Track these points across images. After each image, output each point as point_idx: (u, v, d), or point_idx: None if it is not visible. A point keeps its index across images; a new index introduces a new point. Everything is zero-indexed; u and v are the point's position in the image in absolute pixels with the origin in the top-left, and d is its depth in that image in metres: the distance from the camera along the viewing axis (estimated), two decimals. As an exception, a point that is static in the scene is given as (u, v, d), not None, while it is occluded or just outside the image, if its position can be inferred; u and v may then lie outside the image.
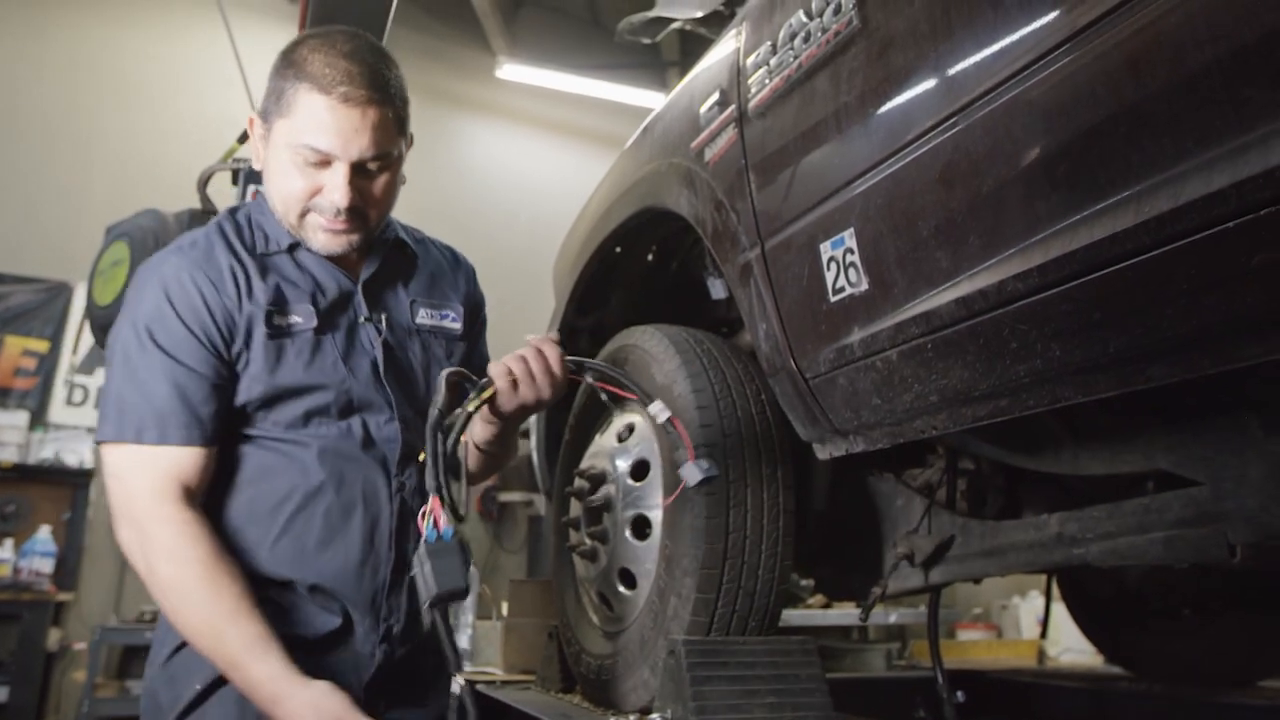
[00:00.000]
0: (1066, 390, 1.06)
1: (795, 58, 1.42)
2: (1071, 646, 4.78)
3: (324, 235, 1.27)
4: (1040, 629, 2.90)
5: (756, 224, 1.52)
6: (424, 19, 6.21)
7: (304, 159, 1.20)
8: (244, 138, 2.22)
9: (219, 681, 1.18)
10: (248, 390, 1.24)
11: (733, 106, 1.61)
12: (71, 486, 4.64)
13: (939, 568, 1.71)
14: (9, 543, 4.30)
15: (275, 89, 1.24)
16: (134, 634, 4.02)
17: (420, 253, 1.48)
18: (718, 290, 2.05)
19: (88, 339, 4.63)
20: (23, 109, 5.01)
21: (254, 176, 2.11)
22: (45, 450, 4.62)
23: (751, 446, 1.60)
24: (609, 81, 6.09)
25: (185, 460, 1.19)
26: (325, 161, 1.20)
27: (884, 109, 1.23)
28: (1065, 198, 0.98)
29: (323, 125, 1.18)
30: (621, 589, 1.75)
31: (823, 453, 1.49)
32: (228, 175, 2.24)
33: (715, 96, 1.68)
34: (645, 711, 1.59)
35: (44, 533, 4.35)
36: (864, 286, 1.27)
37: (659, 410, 1.31)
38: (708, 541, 1.51)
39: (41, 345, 4.83)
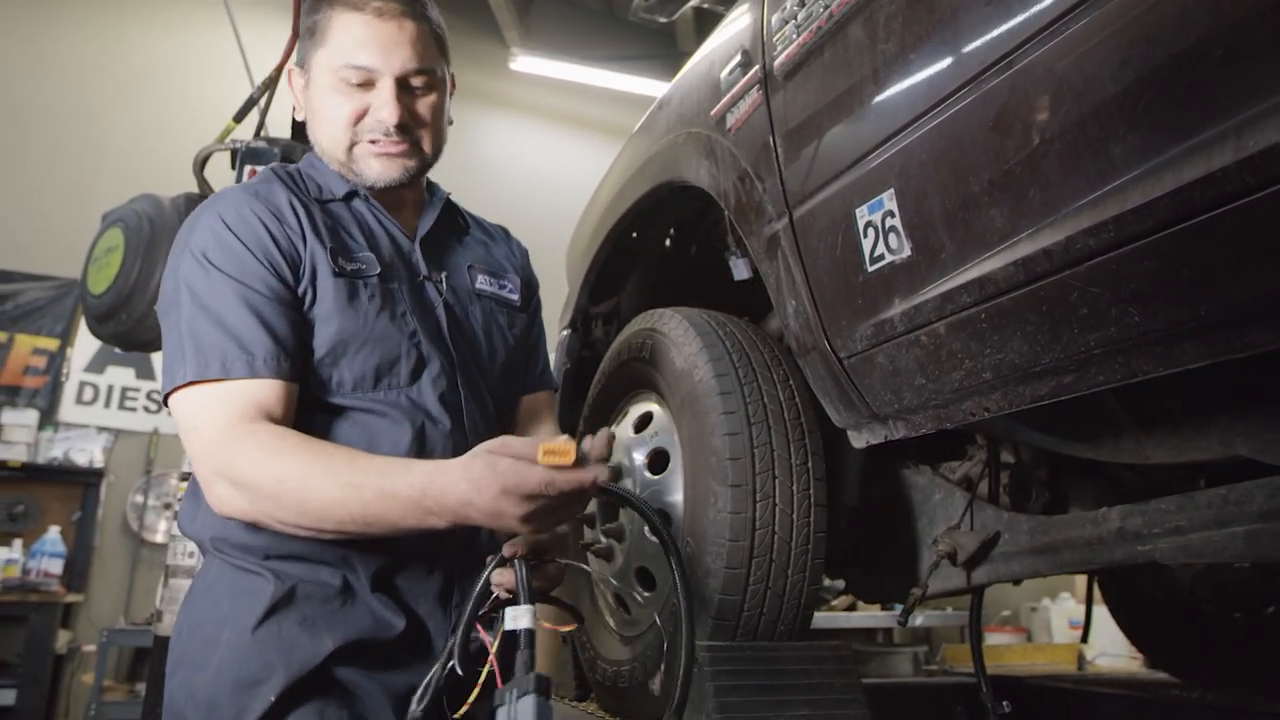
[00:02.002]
0: (1145, 362, 0.92)
1: (825, 7, 1.30)
2: (1108, 650, 4.61)
3: (377, 162, 1.18)
4: (1081, 633, 2.75)
5: (784, 192, 1.39)
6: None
7: (346, 81, 1.15)
8: (240, 116, 2.13)
9: (296, 690, 1.02)
10: (319, 332, 1.10)
11: (757, 67, 1.49)
12: (81, 486, 4.58)
13: (983, 567, 1.57)
14: (18, 543, 4.23)
15: (309, 27, 1.20)
16: (143, 636, 3.94)
17: (473, 223, 1.39)
18: (741, 271, 1.92)
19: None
20: (29, 106, 4.97)
21: (251, 156, 2.01)
22: (55, 449, 4.56)
23: (779, 435, 1.48)
24: (624, 73, 5.97)
25: (270, 395, 1.04)
26: (368, 82, 1.15)
27: (928, 54, 1.10)
28: (1145, 137, 0.85)
29: (360, 41, 1.14)
30: (639, 590, 1.63)
31: (859, 440, 1.37)
32: (226, 158, 2.14)
33: (737, 59, 1.55)
34: (666, 722, 1.47)
35: (53, 533, 4.28)
36: (906, 252, 1.14)
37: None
38: (732, 539, 1.39)
39: (51, 343, 4.77)
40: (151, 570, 4.61)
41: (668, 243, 2.34)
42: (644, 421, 1.76)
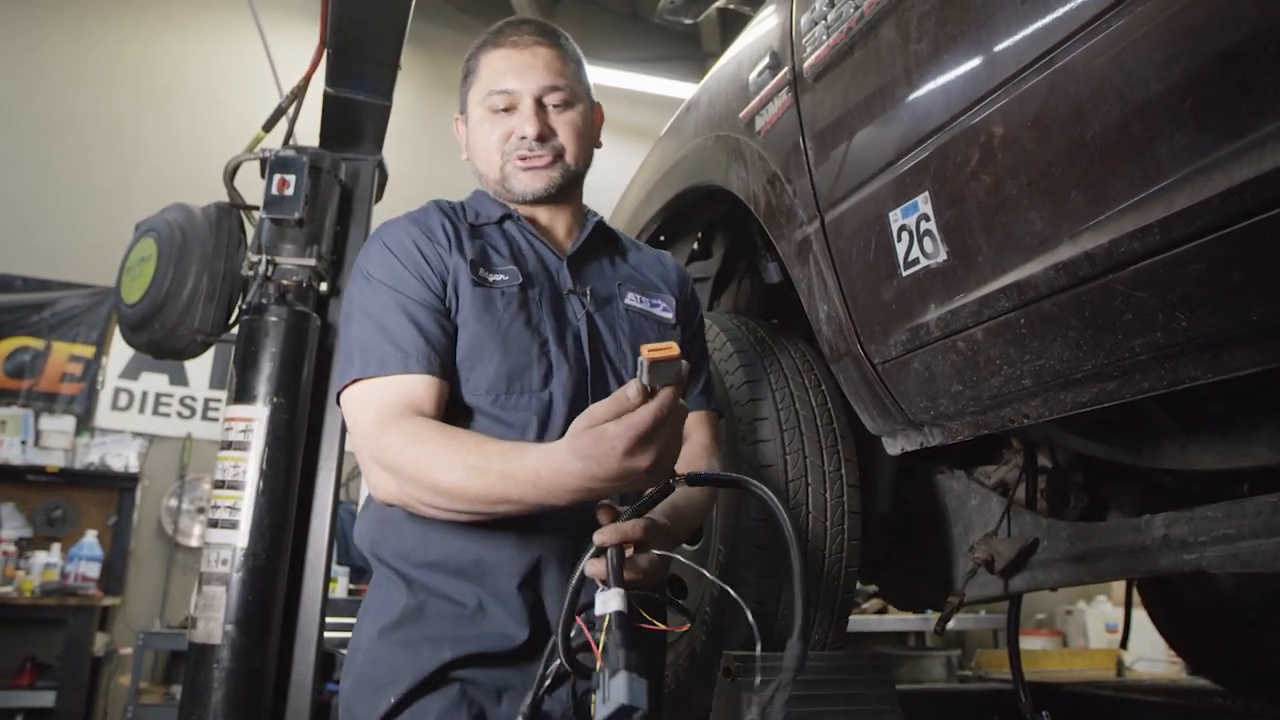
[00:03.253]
0: (1193, 368, 0.90)
1: (856, 8, 1.28)
2: (1146, 655, 4.52)
3: (524, 175, 1.27)
4: (1120, 638, 2.69)
5: (815, 195, 1.38)
6: (459, 16, 6.15)
7: (492, 109, 1.27)
8: (269, 125, 2.14)
9: (417, 690, 1.10)
10: (460, 337, 1.19)
11: (786, 69, 1.47)
12: (117, 491, 4.65)
13: (1021, 574, 1.54)
14: (56, 547, 4.31)
15: (464, 74, 1.33)
16: (178, 639, 3.99)
17: (628, 245, 1.42)
18: (771, 274, 1.91)
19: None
20: (63, 116, 5.05)
21: (280, 165, 2.02)
22: (91, 455, 4.63)
23: (812, 441, 1.46)
24: (648, 74, 5.96)
25: (420, 390, 1.14)
26: (511, 106, 1.26)
27: (963, 54, 1.08)
28: (1192, 137, 0.82)
29: (501, 71, 1.27)
30: (670, 597, 1.62)
31: (893, 447, 1.34)
32: (256, 166, 2.15)
33: (766, 60, 1.54)
34: (698, 731, 1.45)
35: (90, 537, 4.35)
36: (942, 256, 1.12)
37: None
38: (764, 547, 1.37)
39: (87, 350, 4.85)
40: (186, 574, 4.67)
41: (695, 245, 2.33)
42: (673, 427, 1.75)
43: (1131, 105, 0.87)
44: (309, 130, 2.26)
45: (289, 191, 2.02)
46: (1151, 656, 4.44)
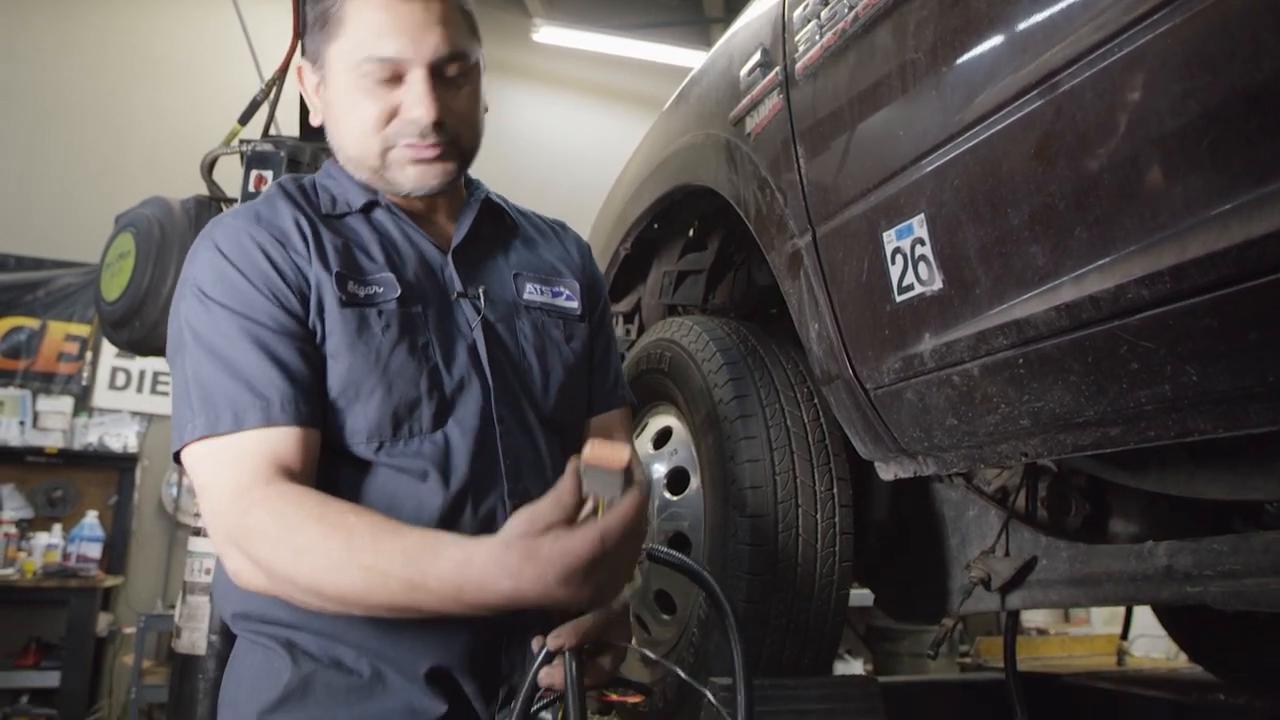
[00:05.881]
0: (1203, 422, 0.84)
1: (850, 8, 1.20)
2: (1148, 631, 4.51)
3: (415, 168, 1.01)
4: (1122, 629, 2.66)
5: (807, 207, 1.30)
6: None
7: (371, 77, 0.98)
8: (245, 119, 2.07)
9: None
10: (331, 372, 0.97)
11: (777, 69, 1.39)
12: (117, 471, 4.64)
13: (1018, 592, 1.50)
14: (57, 528, 4.30)
15: (318, 16, 1.03)
16: (180, 620, 4.01)
17: (520, 221, 1.20)
18: (764, 274, 1.84)
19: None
20: (54, 92, 4.95)
21: (258, 160, 1.95)
22: (90, 435, 4.61)
23: (803, 459, 1.41)
24: (649, 40, 5.80)
25: (288, 446, 0.91)
26: (396, 75, 0.99)
27: (963, 66, 1.00)
28: (1209, 180, 0.75)
29: (382, 28, 0.97)
30: (659, 613, 1.58)
31: (886, 473, 1.29)
32: (236, 159, 2.08)
33: (757, 57, 1.45)
34: (685, 755, 1.42)
35: (91, 518, 4.35)
36: (937, 285, 1.05)
37: None
38: (752, 573, 1.33)
39: (83, 329, 4.81)
40: (187, 553, 4.68)
41: (690, 233, 2.25)
42: (663, 437, 1.70)
43: (1142, 140, 0.80)
44: (290, 120, 2.18)
45: (265, 188, 1.95)
46: (1155, 633, 4.44)
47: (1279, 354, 0.74)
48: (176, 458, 0.95)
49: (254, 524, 0.87)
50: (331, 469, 0.96)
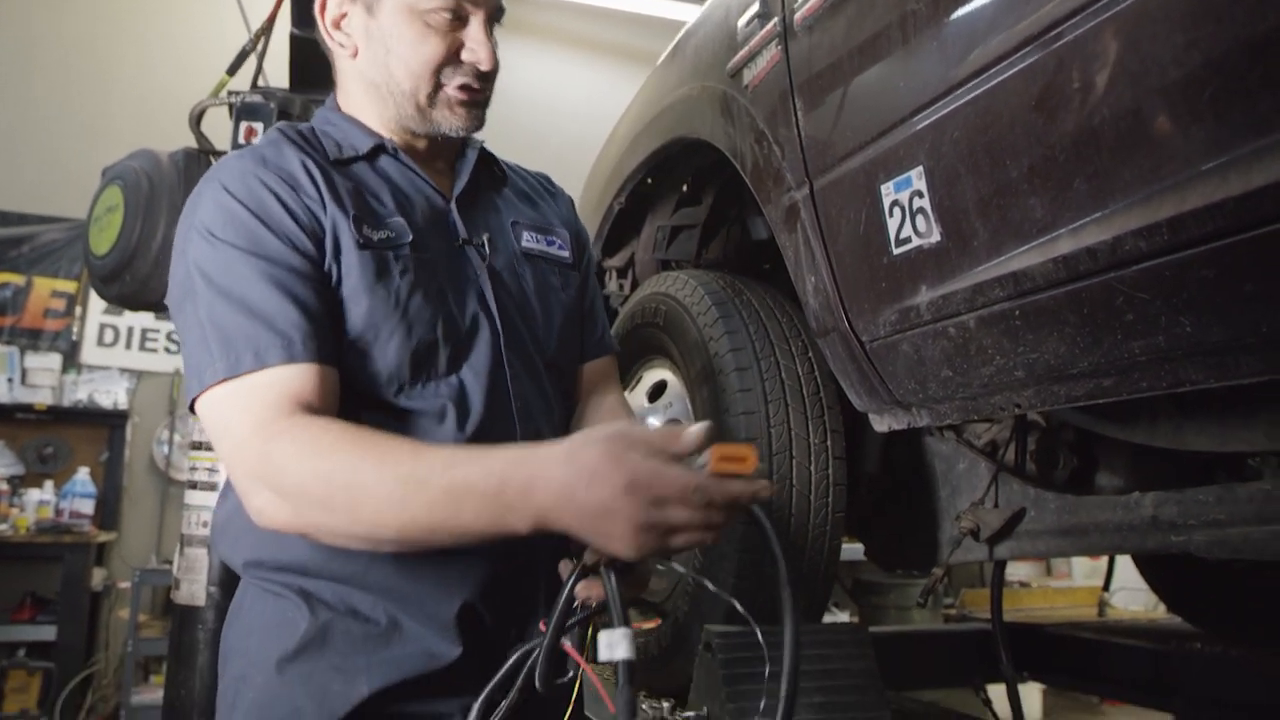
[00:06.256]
0: (1196, 372, 0.85)
1: (852, -43, 1.18)
2: (1128, 584, 4.60)
3: (460, 111, 1.04)
4: (1104, 580, 2.72)
5: (804, 159, 1.30)
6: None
7: (441, 15, 1.01)
8: (233, 69, 2.03)
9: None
10: (348, 315, 0.96)
11: (776, 19, 1.38)
12: (108, 427, 4.62)
13: (1007, 543, 1.53)
14: (49, 485, 4.31)
15: None
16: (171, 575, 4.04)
17: (509, 170, 1.23)
18: (759, 230, 1.84)
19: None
20: (39, 45, 4.83)
21: (247, 112, 1.92)
22: (79, 392, 4.59)
23: (798, 412, 1.42)
24: (642, -7, 5.72)
25: (308, 383, 0.89)
26: (460, 19, 1.02)
27: (964, 18, 1.00)
28: (1209, 132, 0.76)
29: None
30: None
31: (880, 425, 1.31)
32: (225, 111, 2.05)
33: (755, 8, 1.44)
34: (680, 699, 1.46)
35: (83, 474, 4.35)
36: (935, 237, 1.06)
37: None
38: (746, 523, 1.35)
39: (70, 285, 4.76)
40: (180, 508, 4.70)
41: (684, 188, 2.24)
42: (658, 390, 1.71)
43: (1144, 91, 0.80)
44: (279, 73, 2.15)
45: (257, 139, 1.93)
46: (1135, 585, 4.53)
47: (1272, 305, 0.75)
48: (192, 407, 0.93)
49: (278, 451, 0.85)
50: (351, 413, 0.93)
